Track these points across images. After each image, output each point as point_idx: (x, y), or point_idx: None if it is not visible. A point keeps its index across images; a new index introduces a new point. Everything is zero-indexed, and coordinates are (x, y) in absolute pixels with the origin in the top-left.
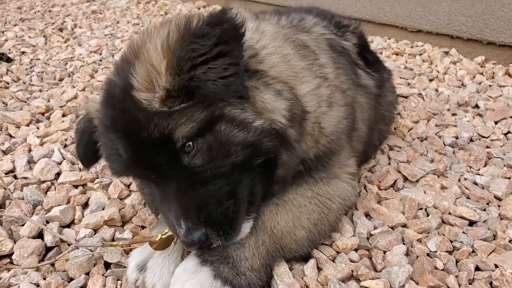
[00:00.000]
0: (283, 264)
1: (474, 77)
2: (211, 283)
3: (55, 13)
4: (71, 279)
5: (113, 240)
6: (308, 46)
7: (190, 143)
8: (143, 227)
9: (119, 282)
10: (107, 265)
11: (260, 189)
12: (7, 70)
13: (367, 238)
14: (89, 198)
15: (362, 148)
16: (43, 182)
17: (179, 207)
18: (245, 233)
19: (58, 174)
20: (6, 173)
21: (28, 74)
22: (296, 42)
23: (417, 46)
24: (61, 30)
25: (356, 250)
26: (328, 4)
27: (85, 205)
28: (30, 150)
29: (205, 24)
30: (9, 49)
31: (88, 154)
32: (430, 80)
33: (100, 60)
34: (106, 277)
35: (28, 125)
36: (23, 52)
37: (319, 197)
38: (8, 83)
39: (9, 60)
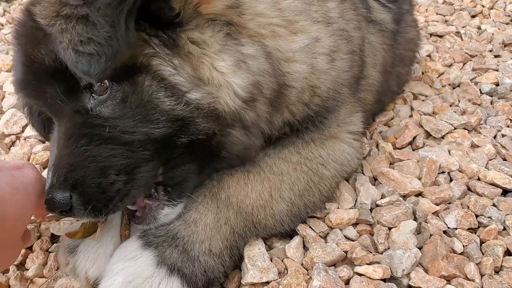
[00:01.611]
0: (258, 243)
1: None
2: (152, 272)
3: None
4: None
5: None
6: None
7: (103, 83)
8: None
9: None
10: (54, 238)
11: (189, 173)
12: (4, 10)
13: (371, 210)
14: None
15: (375, 98)
16: (8, 135)
17: (56, 155)
18: (164, 221)
19: (26, 127)
20: None
21: None
22: None
23: None
24: None
25: (355, 225)
26: None
27: (47, 164)
28: (3, 98)
29: None
30: None
31: None
32: (473, 16)
33: None
34: (49, 253)
35: (9, 71)
36: None
37: (308, 162)
38: (2, 25)
39: (8, 0)
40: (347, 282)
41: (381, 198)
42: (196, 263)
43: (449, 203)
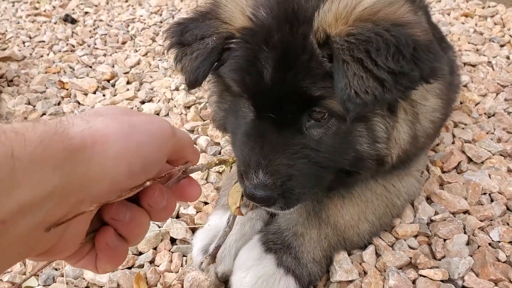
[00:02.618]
0: (342, 250)
1: None
2: (274, 271)
3: None
4: (140, 253)
5: (177, 216)
6: None
7: (325, 114)
8: (205, 203)
9: (184, 258)
10: (172, 241)
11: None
12: (72, 32)
13: (427, 224)
14: None
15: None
16: None
17: (271, 159)
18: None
19: None
20: None
21: (92, 36)
22: None
23: (489, 7)
24: None
25: (415, 236)
26: None
27: None
28: None
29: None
30: (73, 9)
31: (202, 75)
32: (501, 46)
33: (161, 22)
34: (172, 252)
35: (94, 93)
36: (86, 13)
37: (387, 193)
38: (74, 46)
39: (73, 21)
40: (413, 282)
41: (435, 214)
42: (304, 268)
43: (492, 220)
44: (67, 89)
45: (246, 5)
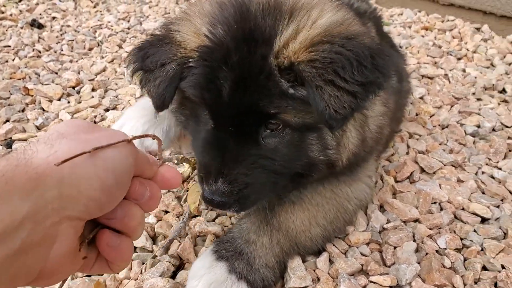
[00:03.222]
0: (297, 257)
1: (504, 57)
2: (226, 277)
3: None
4: None
5: None
6: None
7: (280, 125)
8: (166, 212)
9: (143, 265)
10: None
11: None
12: (39, 37)
13: (380, 232)
14: None
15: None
16: None
17: (230, 168)
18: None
19: None
20: None
21: (58, 42)
22: None
23: (448, 21)
24: None
25: (367, 244)
26: None
27: None
28: None
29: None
30: (40, 14)
31: (169, 99)
32: (459, 59)
33: (128, 28)
34: (132, 260)
35: (59, 99)
36: (53, 18)
37: (337, 197)
38: (40, 52)
39: (40, 26)
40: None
41: (387, 223)
42: (257, 273)
43: (440, 228)
44: (32, 96)
45: (201, 24)
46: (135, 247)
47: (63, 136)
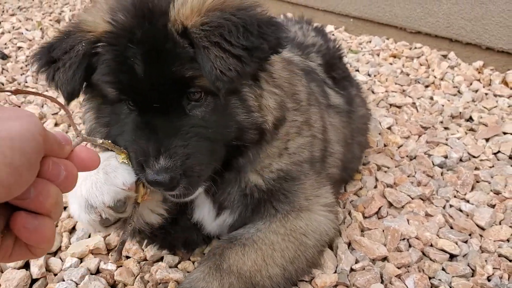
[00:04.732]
0: None
1: (471, 84)
2: None
3: (53, 1)
4: None
5: (97, 271)
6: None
7: (201, 94)
8: (127, 257)
9: None
10: None
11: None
12: (2, 69)
13: (348, 273)
14: (76, 222)
15: (340, 171)
16: None
17: (167, 144)
18: (196, 195)
19: None
20: None
21: (23, 73)
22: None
23: (415, 48)
24: (58, 21)
25: (335, 286)
26: (327, 2)
27: (73, 229)
28: None
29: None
30: (5, 44)
31: (78, 83)
32: (426, 87)
33: None
34: None
35: None
36: (19, 48)
37: (292, 233)
38: (3, 84)
39: (4, 57)
40: None
41: (356, 263)
42: None
43: (409, 267)
44: None
45: (104, 12)
46: None
47: None
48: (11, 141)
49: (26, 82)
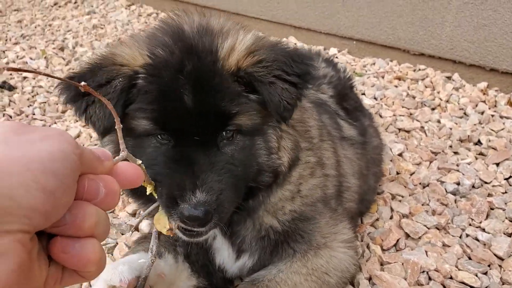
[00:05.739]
0: None
1: (476, 105)
2: None
3: (55, 28)
4: None
5: None
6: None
7: (233, 133)
8: None
9: None
10: None
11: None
12: (10, 101)
13: None
14: None
15: (357, 204)
16: None
17: (204, 178)
18: (209, 235)
19: None
20: None
21: (30, 105)
22: None
23: (419, 70)
24: (62, 49)
25: None
26: (330, 25)
27: None
28: None
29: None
30: (11, 74)
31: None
32: (433, 109)
33: None
34: None
35: None
36: (24, 78)
37: (314, 272)
38: (11, 117)
39: (11, 88)
40: None
41: None
42: None
43: None
44: None
45: (141, 47)
46: None
47: None
48: (42, 164)
49: (34, 114)
